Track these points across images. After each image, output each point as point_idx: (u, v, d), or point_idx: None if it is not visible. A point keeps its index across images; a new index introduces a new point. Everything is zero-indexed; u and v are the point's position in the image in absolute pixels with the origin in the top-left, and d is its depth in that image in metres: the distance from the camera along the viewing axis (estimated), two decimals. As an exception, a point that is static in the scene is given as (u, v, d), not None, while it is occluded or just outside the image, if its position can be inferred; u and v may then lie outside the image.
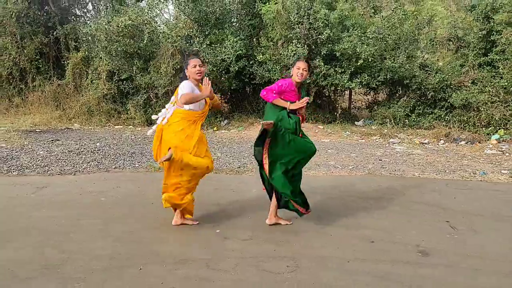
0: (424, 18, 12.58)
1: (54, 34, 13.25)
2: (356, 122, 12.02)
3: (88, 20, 14.79)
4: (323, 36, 10.72)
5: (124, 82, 12.11)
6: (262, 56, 11.44)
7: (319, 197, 5.26)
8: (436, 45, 13.54)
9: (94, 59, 12.52)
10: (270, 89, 4.05)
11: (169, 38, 11.43)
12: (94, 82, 12.39)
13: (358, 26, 11.36)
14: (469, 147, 9.29)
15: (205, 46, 11.31)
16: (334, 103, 12.61)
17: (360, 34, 10.93)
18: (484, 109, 10.37)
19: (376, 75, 11.36)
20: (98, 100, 12.14)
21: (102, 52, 11.82)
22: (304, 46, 10.83)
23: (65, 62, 13.22)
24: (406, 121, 11.36)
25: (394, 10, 11.65)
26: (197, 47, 11.30)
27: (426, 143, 9.73)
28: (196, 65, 4.01)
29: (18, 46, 13.18)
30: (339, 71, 11.08)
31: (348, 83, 11.06)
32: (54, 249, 3.64)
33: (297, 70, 4.09)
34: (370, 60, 10.87)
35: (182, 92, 3.91)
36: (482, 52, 11.11)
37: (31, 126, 11.06)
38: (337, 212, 4.76)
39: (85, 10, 15.18)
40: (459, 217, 4.67)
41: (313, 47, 11.15)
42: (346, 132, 10.82)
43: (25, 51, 13.17)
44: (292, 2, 10.82)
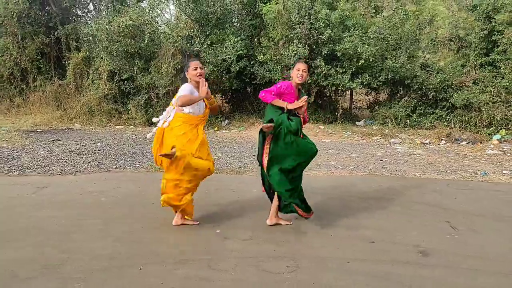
0: (425, 18, 12.56)
1: (55, 34, 13.29)
2: (357, 122, 12.02)
3: (89, 20, 14.82)
4: (324, 36, 10.72)
5: (125, 82, 12.13)
6: (263, 56, 11.43)
7: (320, 197, 5.26)
8: (437, 45, 13.53)
9: (95, 59, 12.55)
10: (268, 90, 4.04)
11: (170, 38, 11.44)
12: (95, 82, 12.42)
13: (359, 26, 11.35)
14: (470, 147, 9.27)
15: (206, 46, 11.32)
16: (335, 103, 12.60)
17: (361, 34, 10.92)
18: (485, 109, 10.35)
19: (377, 75, 11.35)
20: (99, 100, 12.16)
21: (103, 52, 11.85)
22: (305, 46, 10.82)
23: (66, 62, 13.26)
24: (407, 121, 11.36)
25: (395, 10, 11.64)
26: (198, 47, 11.30)
27: (427, 143, 9.71)
28: (196, 67, 4.02)
29: (19, 46, 13.22)
30: (340, 71, 11.07)
31: (349, 83, 11.05)
32: (54, 249, 3.64)
33: (296, 72, 4.08)
34: (371, 60, 10.86)
35: (180, 94, 3.91)
36: (483, 52, 11.09)
37: (32, 126, 11.08)
38: (337, 212, 4.75)
39: (86, 10, 15.23)
40: (460, 217, 4.66)
41: (314, 47, 11.15)
42: (347, 132, 10.81)
43: (26, 51, 13.21)
44: (293, 2, 10.80)
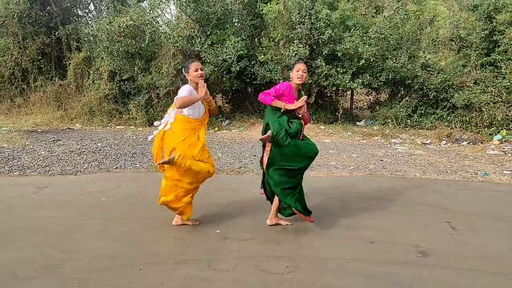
0: (426, 18, 12.55)
1: (56, 34, 13.32)
2: (357, 123, 12.01)
3: (89, 20, 14.84)
4: (325, 36, 10.71)
5: (125, 82, 12.14)
6: (263, 56, 11.43)
7: (320, 197, 5.25)
8: (438, 45, 13.53)
9: (95, 59, 12.56)
10: (267, 92, 4.03)
11: (170, 38, 11.45)
12: (95, 82, 12.43)
13: (360, 26, 11.34)
14: (471, 148, 9.26)
15: (206, 46, 11.32)
16: (336, 104, 12.60)
17: (362, 34, 10.91)
18: (486, 109, 10.34)
19: (378, 75, 11.35)
20: (99, 100, 12.18)
21: (103, 52, 11.86)
22: (305, 46, 10.82)
23: (67, 63, 13.28)
24: (408, 121, 11.35)
25: (396, 10, 11.62)
26: (198, 48, 11.31)
27: (428, 144, 9.70)
28: (197, 68, 4.03)
29: (20, 46, 13.25)
30: (341, 71, 11.07)
31: (349, 83, 11.04)
32: (54, 249, 3.65)
33: (296, 73, 4.07)
34: (372, 60, 10.86)
35: (179, 95, 3.91)
36: (484, 52, 11.08)
37: (33, 126, 11.09)
38: (337, 212, 4.75)
39: (86, 11, 15.26)
40: (460, 217, 4.66)
41: (314, 47, 11.15)
42: (348, 132, 10.80)
43: (27, 52, 13.24)
44: (293, 2, 10.80)
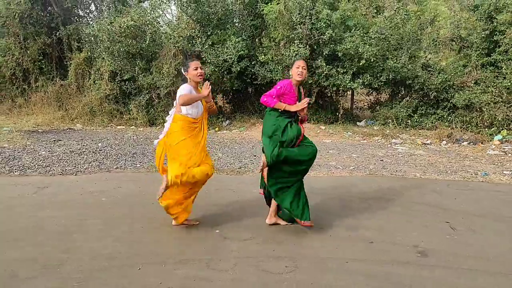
0: (426, 18, 12.55)
1: (57, 34, 13.35)
2: (358, 123, 12.01)
3: (90, 20, 14.88)
4: (325, 36, 10.72)
5: (126, 82, 12.16)
6: (264, 56, 11.44)
7: (320, 197, 5.26)
8: (438, 45, 13.53)
9: (96, 60, 12.58)
10: (269, 94, 4.03)
11: (171, 38, 11.46)
12: (96, 82, 12.45)
13: (360, 26, 11.35)
14: (471, 148, 9.25)
15: (207, 46, 11.33)
16: (336, 104, 12.60)
17: (362, 34, 10.91)
18: (487, 109, 10.34)
19: (378, 76, 11.35)
20: (100, 100, 12.20)
21: (104, 52, 11.87)
22: (306, 47, 10.82)
23: (67, 63, 13.31)
24: (409, 121, 11.34)
25: (396, 10, 11.62)
26: (199, 48, 11.32)
27: (428, 144, 9.70)
28: (197, 67, 4.04)
29: (21, 46, 13.28)
30: (341, 72, 11.07)
31: (350, 84, 11.04)
32: (54, 249, 3.65)
33: (296, 70, 4.08)
34: (372, 60, 10.85)
35: (180, 93, 3.92)
36: (485, 52, 11.07)
37: (34, 127, 11.11)
38: (337, 212, 4.75)
39: (88, 11, 15.30)
40: (460, 218, 4.66)
41: (315, 48, 11.15)
42: (348, 132, 10.80)
43: (28, 52, 13.27)
44: (294, 3, 10.81)
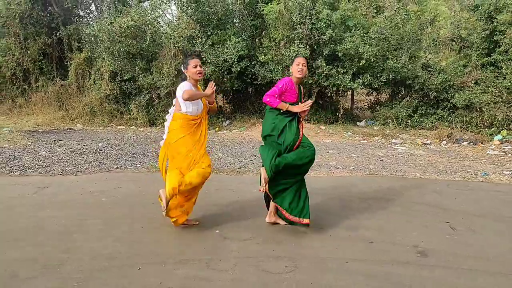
0: (427, 18, 12.55)
1: (57, 34, 13.35)
2: (358, 123, 12.01)
3: (91, 20, 14.89)
4: (325, 36, 10.72)
5: (126, 82, 12.17)
6: (264, 56, 11.44)
7: (320, 197, 5.26)
8: (439, 45, 13.53)
9: (97, 60, 12.59)
10: (272, 94, 4.03)
11: (171, 38, 11.46)
12: (96, 82, 12.45)
13: (360, 26, 11.35)
14: (471, 148, 9.25)
15: (207, 46, 11.34)
16: (336, 104, 12.60)
17: (362, 34, 10.91)
18: (487, 109, 10.34)
19: (378, 76, 11.35)
20: (100, 100, 12.20)
21: (104, 52, 11.88)
22: (306, 47, 10.82)
23: (68, 63, 13.31)
24: (409, 121, 11.34)
25: (396, 10, 11.62)
26: (199, 48, 11.32)
27: (428, 144, 9.70)
28: (197, 65, 4.04)
29: (21, 46, 13.29)
30: (341, 72, 11.07)
31: (350, 84, 11.04)
32: (54, 249, 3.66)
33: (296, 66, 4.09)
34: (373, 60, 10.85)
35: (184, 89, 3.91)
36: (485, 52, 11.07)
37: (34, 127, 11.12)
38: (337, 212, 4.76)
39: (88, 11, 15.30)
40: (460, 218, 4.66)
41: (315, 48, 11.15)
42: (348, 132, 10.80)
43: (28, 52, 13.28)
44: (294, 3, 10.81)
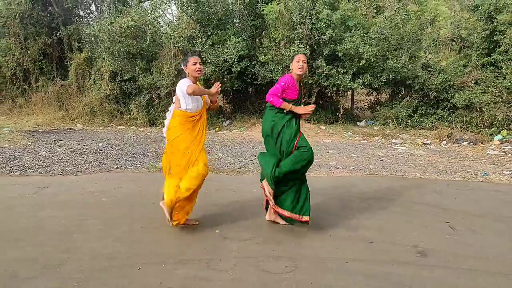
0: (427, 18, 12.55)
1: (57, 35, 13.36)
2: (358, 123, 12.01)
3: (91, 20, 14.89)
4: (325, 36, 10.72)
5: (126, 82, 12.17)
6: (264, 56, 11.44)
7: (320, 197, 5.25)
8: (439, 45, 13.52)
9: (97, 60, 12.59)
10: (275, 93, 4.03)
11: (171, 38, 11.47)
12: (97, 82, 12.46)
13: (360, 26, 11.35)
14: (471, 148, 9.25)
15: (207, 46, 11.34)
16: (336, 104, 12.60)
17: (362, 34, 10.91)
18: (487, 109, 10.34)
19: (378, 76, 11.35)
20: (100, 100, 12.21)
21: (105, 52, 11.88)
22: (306, 47, 10.82)
23: (68, 63, 13.32)
24: (409, 121, 11.35)
25: (396, 10, 11.62)
26: (199, 48, 11.32)
27: (428, 144, 9.70)
28: (196, 62, 4.03)
29: (21, 47, 13.30)
30: (341, 72, 11.07)
31: (350, 84, 11.04)
32: (54, 249, 3.66)
33: (296, 63, 4.10)
34: (373, 60, 10.85)
35: (187, 84, 3.91)
36: (485, 52, 11.08)
37: (34, 127, 11.12)
38: (337, 212, 4.76)
39: (88, 11, 15.30)
40: (460, 218, 4.66)
41: (315, 48, 11.15)
42: (348, 132, 10.80)
43: (28, 52, 13.29)
44: (294, 3, 10.81)
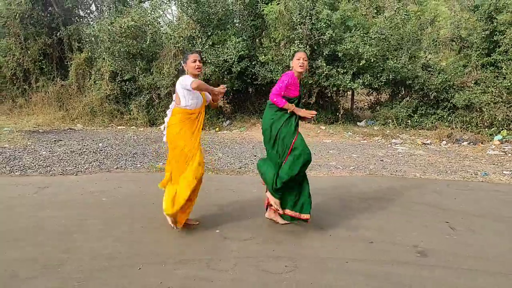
0: (427, 18, 12.56)
1: (57, 35, 13.36)
2: (358, 123, 12.01)
3: (91, 21, 14.89)
4: (325, 36, 10.72)
5: (127, 82, 12.17)
6: (264, 56, 11.45)
7: (320, 197, 5.25)
8: (439, 45, 13.52)
9: (97, 60, 12.60)
10: (278, 93, 4.04)
11: (171, 39, 11.47)
12: (97, 82, 12.46)
13: (360, 27, 11.35)
14: (471, 148, 9.26)
15: (207, 46, 11.34)
16: (336, 104, 12.61)
17: (362, 35, 10.92)
18: (487, 109, 10.34)
19: (378, 76, 11.35)
20: (101, 100, 12.22)
21: (105, 53, 11.89)
22: (306, 47, 10.83)
23: (68, 63, 13.33)
24: (409, 121, 11.35)
25: (396, 10, 11.63)
26: (199, 48, 11.33)
27: (428, 144, 9.70)
28: (195, 60, 4.03)
29: (22, 47, 13.30)
30: (341, 72, 11.07)
31: (350, 84, 11.05)
32: (54, 249, 3.66)
33: (297, 61, 4.10)
34: (373, 60, 10.86)
35: (191, 80, 3.90)
36: (485, 52, 11.08)
37: (34, 127, 11.13)
38: (337, 212, 4.76)
39: (88, 11, 15.31)
40: (459, 218, 4.66)
41: (315, 48, 11.15)
42: (348, 132, 10.80)
43: (28, 52, 13.29)
44: (294, 3, 10.82)
